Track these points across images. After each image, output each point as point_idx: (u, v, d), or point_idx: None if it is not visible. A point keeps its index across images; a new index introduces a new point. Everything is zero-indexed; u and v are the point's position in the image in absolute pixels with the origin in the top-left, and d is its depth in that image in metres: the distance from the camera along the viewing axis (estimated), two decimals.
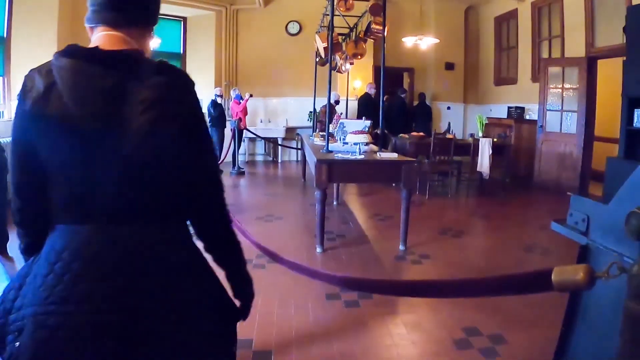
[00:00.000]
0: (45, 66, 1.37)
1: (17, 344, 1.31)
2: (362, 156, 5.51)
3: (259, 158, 13.80)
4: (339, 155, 5.56)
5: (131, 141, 1.31)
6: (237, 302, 1.70)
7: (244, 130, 11.63)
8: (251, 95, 11.49)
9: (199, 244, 1.58)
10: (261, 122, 13.52)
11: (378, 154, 5.72)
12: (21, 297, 1.38)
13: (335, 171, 5.31)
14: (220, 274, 1.65)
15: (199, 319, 1.46)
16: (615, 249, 1.78)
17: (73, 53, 1.38)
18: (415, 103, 13.65)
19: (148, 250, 1.38)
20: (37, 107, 1.31)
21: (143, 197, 1.39)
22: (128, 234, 1.36)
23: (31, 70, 1.39)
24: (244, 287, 1.72)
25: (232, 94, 11.53)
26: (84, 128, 1.30)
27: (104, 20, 1.45)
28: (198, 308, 1.46)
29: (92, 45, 1.45)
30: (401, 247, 5.58)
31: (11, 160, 1.43)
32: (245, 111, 11.38)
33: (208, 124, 9.92)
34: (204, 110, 10.85)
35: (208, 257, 1.60)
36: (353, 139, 5.92)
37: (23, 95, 1.34)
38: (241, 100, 11.34)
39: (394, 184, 8.02)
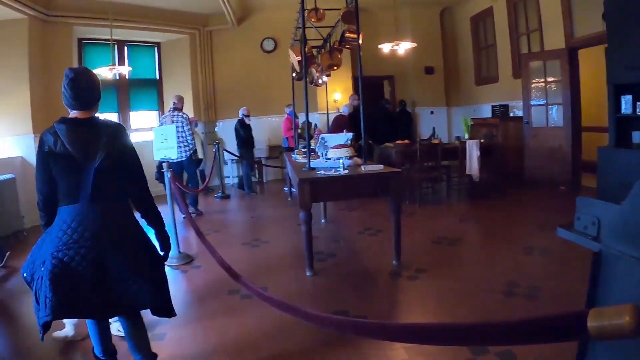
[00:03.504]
0: (51, 129, 2.78)
1: (42, 268, 2.68)
2: (346, 171, 5.23)
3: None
4: (322, 172, 5.29)
5: (98, 160, 2.75)
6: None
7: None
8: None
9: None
10: None
11: (362, 167, 5.44)
12: (43, 251, 2.77)
13: (319, 190, 5.05)
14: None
15: (136, 249, 2.89)
16: (636, 254, 1.53)
17: (65, 121, 2.80)
18: (397, 110, 13.51)
19: (111, 215, 2.83)
20: (51, 149, 2.73)
21: (105, 187, 2.80)
22: (100, 207, 2.78)
23: (44, 131, 2.81)
24: (164, 242, 3.15)
25: (286, 110, 11.26)
26: (75, 157, 2.72)
27: (75, 108, 2.87)
28: (136, 244, 2.91)
29: (72, 116, 2.87)
30: (395, 263, 5.32)
31: (37, 176, 2.80)
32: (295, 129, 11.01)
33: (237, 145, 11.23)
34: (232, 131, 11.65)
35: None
36: (335, 154, 5.69)
37: (40, 143, 2.77)
38: (296, 118, 11.03)
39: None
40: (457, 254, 5.77)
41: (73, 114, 2.86)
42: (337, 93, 12.82)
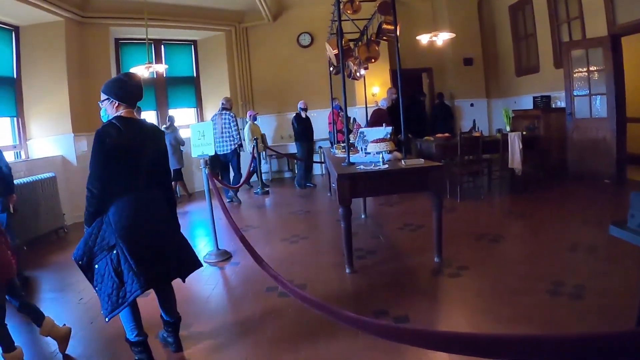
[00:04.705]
0: (111, 125, 3.20)
1: (115, 251, 3.17)
2: (386, 166, 5.15)
3: (287, 175, 13.60)
4: (362, 167, 5.23)
5: (150, 152, 3.39)
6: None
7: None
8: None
9: None
10: (282, 138, 13.29)
11: (403, 161, 5.34)
12: (100, 237, 3.24)
13: (359, 185, 4.99)
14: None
15: (174, 226, 3.67)
16: None
17: (124, 119, 3.27)
18: (435, 103, 13.36)
19: (159, 201, 3.53)
20: (115, 142, 3.13)
21: (154, 177, 3.48)
22: (151, 194, 3.44)
23: (104, 126, 3.20)
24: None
25: (332, 103, 11.23)
26: (133, 149, 3.26)
27: (130, 102, 3.38)
28: (174, 222, 3.67)
29: (120, 114, 3.32)
30: (436, 260, 5.23)
31: (97, 167, 3.15)
32: (334, 123, 10.83)
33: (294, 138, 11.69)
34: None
35: None
36: (375, 148, 5.60)
37: (105, 137, 3.12)
38: (341, 111, 10.74)
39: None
40: (500, 250, 5.63)
41: (121, 113, 3.34)
42: (375, 86, 12.73)
